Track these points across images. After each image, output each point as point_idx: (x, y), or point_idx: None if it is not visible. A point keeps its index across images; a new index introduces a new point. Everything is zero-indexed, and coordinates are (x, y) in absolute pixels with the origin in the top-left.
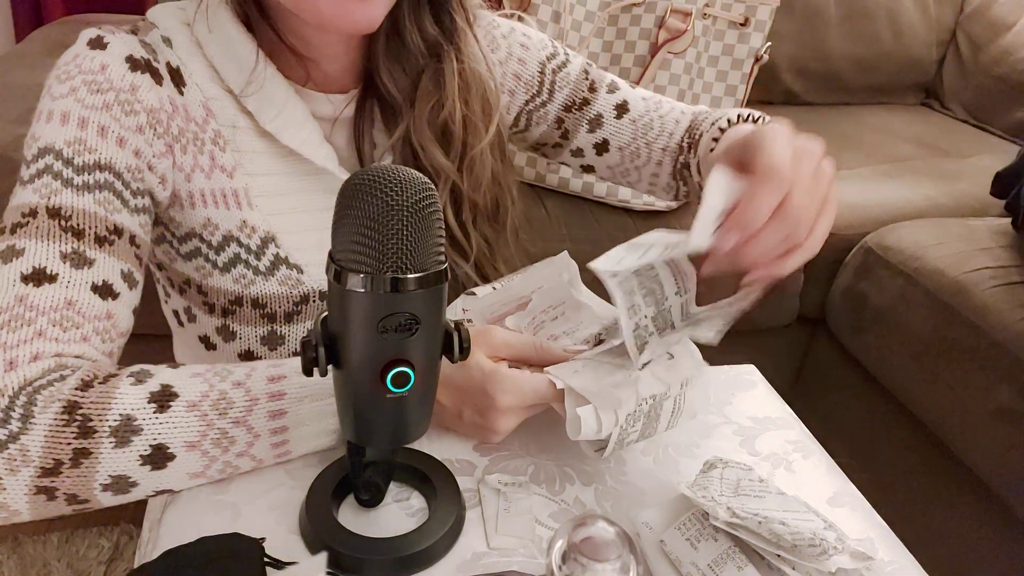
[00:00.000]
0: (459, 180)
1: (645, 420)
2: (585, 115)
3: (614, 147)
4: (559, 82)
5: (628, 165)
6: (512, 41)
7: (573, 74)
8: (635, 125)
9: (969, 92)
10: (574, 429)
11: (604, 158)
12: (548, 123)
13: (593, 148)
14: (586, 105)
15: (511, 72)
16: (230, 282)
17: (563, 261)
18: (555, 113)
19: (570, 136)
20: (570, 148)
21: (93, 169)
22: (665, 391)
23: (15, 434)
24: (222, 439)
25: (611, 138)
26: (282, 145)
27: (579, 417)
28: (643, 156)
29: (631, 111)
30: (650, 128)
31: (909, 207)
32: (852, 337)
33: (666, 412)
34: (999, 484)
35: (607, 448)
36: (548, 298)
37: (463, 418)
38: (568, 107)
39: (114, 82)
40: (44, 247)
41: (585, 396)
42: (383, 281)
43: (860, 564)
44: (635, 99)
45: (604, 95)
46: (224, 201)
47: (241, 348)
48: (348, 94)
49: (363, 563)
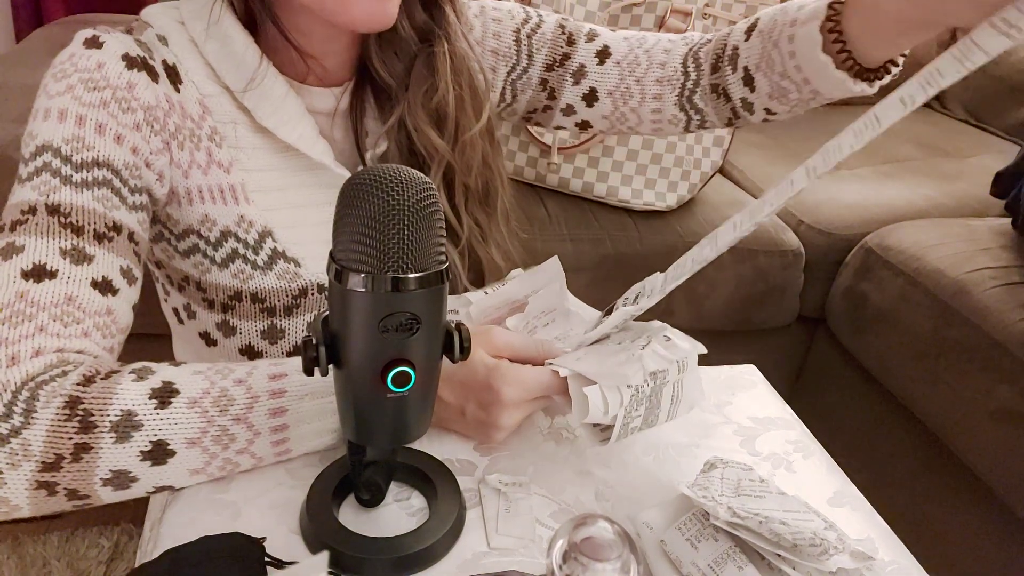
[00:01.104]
0: (454, 161)
1: (647, 405)
2: (567, 69)
3: (603, 93)
4: (536, 44)
5: (623, 109)
6: (485, 19)
7: (549, 32)
8: (620, 67)
9: (969, 92)
10: (581, 411)
11: (596, 108)
12: (533, 87)
13: (582, 100)
14: (567, 59)
15: (489, 49)
16: (229, 277)
17: (554, 268)
18: (538, 76)
19: (557, 94)
20: (560, 107)
21: (91, 166)
22: (667, 368)
23: (17, 428)
24: (222, 436)
25: (597, 85)
26: (278, 140)
27: (586, 397)
28: (636, 95)
29: (613, 54)
30: (637, 65)
31: (909, 207)
32: (852, 337)
33: (666, 399)
34: (999, 484)
35: (612, 435)
36: (542, 303)
37: (466, 415)
38: (549, 66)
39: (111, 80)
40: (44, 244)
41: (590, 378)
42: (384, 281)
43: (860, 564)
44: (616, 41)
45: (583, 45)
46: (221, 197)
47: (242, 343)
48: (343, 86)
49: (363, 563)
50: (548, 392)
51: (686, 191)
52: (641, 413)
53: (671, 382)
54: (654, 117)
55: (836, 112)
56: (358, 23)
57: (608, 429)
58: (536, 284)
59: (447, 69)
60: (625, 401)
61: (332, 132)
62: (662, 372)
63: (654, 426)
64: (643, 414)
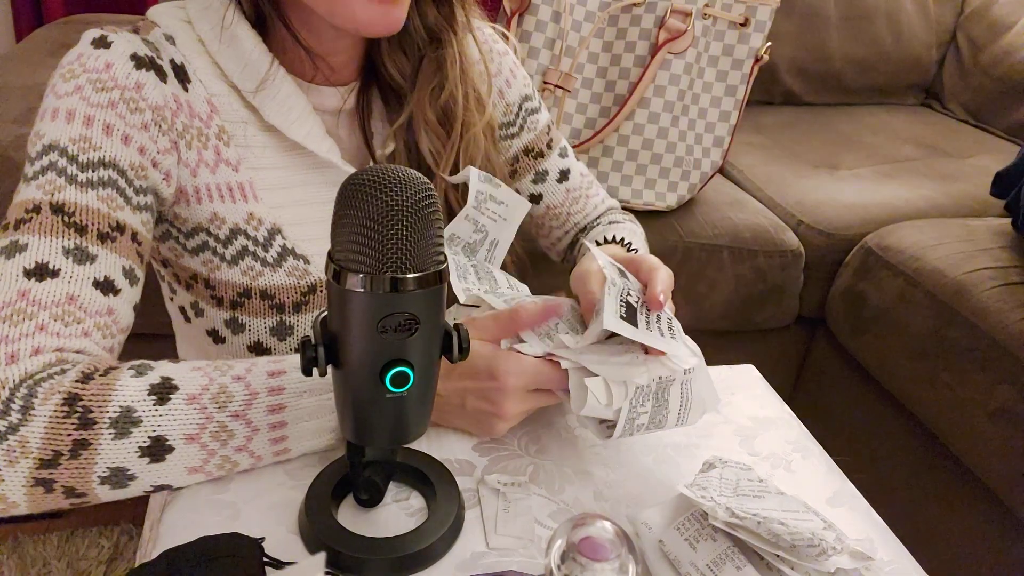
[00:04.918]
0: (458, 160)
1: (655, 402)
2: (535, 166)
3: (544, 203)
4: (528, 124)
5: (546, 222)
6: (505, 61)
7: (540, 124)
8: (568, 194)
9: (969, 92)
10: (579, 401)
11: (532, 208)
12: (507, 156)
13: (528, 196)
14: (540, 157)
15: (497, 87)
16: (238, 275)
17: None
18: (515, 150)
19: (516, 176)
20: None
21: (97, 166)
22: (671, 375)
23: (15, 425)
24: (221, 432)
25: (546, 195)
26: (286, 139)
27: (585, 388)
28: (560, 221)
29: (569, 181)
30: (576, 202)
31: (909, 207)
32: (852, 337)
33: (674, 399)
34: (999, 484)
35: (617, 429)
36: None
37: (466, 407)
38: (527, 151)
39: (119, 80)
40: (47, 243)
41: (593, 370)
42: (383, 281)
43: (859, 564)
44: (576, 172)
45: (555, 156)
46: (230, 195)
47: (250, 340)
48: (350, 86)
49: (362, 563)
50: (550, 384)
51: (686, 191)
52: (648, 410)
53: (679, 381)
54: (555, 243)
55: (836, 112)
56: (364, 28)
57: (613, 425)
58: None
59: (456, 69)
60: (630, 394)
61: (338, 131)
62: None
63: (662, 427)
64: (650, 411)
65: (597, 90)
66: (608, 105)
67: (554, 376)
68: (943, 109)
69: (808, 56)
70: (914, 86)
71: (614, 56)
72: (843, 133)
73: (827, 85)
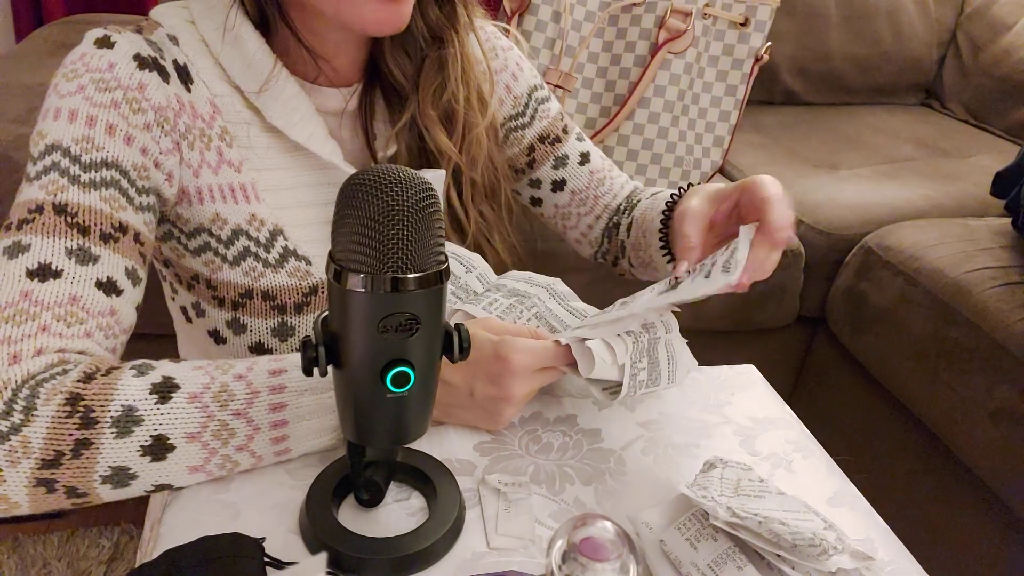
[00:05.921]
0: (460, 161)
1: (649, 359)
2: (554, 151)
3: (568, 189)
4: (540, 112)
5: (573, 209)
6: (510, 56)
7: (552, 111)
8: (591, 176)
9: (969, 92)
10: (587, 365)
11: (556, 196)
12: (521, 147)
13: (551, 183)
14: (557, 143)
15: (504, 82)
16: (240, 275)
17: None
18: (530, 140)
19: (535, 166)
20: (531, 177)
21: (100, 167)
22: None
23: (17, 426)
24: (222, 431)
25: (569, 180)
26: (289, 140)
27: (590, 350)
28: (588, 205)
29: (591, 163)
30: (602, 183)
31: (909, 207)
32: (852, 337)
33: (663, 357)
34: (999, 484)
35: (623, 387)
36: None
37: (474, 395)
38: (543, 138)
39: (122, 80)
40: (50, 243)
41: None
42: (383, 281)
43: (860, 564)
44: (595, 155)
45: (573, 140)
46: (232, 195)
47: (252, 340)
48: (353, 87)
49: (363, 563)
50: (555, 362)
51: None
52: (644, 366)
53: (663, 340)
54: (586, 230)
55: (836, 112)
56: (372, 27)
57: (617, 387)
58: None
59: (458, 68)
60: (629, 349)
61: (340, 132)
62: (651, 326)
63: (658, 386)
64: (647, 367)
65: (597, 90)
66: (608, 105)
67: (557, 352)
68: (943, 109)
69: (808, 56)
70: (914, 86)
71: (614, 56)
72: (843, 133)
73: (827, 85)
